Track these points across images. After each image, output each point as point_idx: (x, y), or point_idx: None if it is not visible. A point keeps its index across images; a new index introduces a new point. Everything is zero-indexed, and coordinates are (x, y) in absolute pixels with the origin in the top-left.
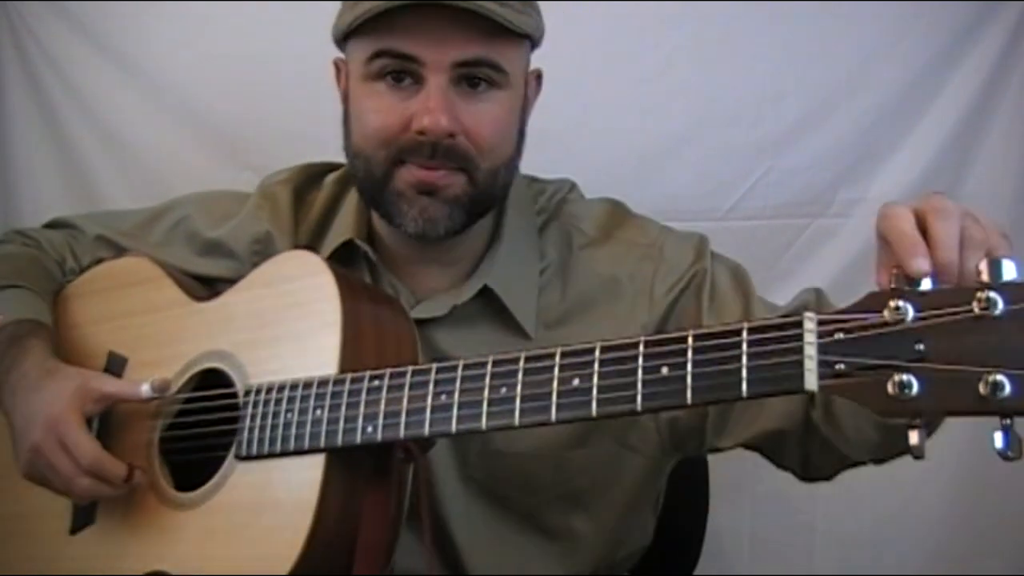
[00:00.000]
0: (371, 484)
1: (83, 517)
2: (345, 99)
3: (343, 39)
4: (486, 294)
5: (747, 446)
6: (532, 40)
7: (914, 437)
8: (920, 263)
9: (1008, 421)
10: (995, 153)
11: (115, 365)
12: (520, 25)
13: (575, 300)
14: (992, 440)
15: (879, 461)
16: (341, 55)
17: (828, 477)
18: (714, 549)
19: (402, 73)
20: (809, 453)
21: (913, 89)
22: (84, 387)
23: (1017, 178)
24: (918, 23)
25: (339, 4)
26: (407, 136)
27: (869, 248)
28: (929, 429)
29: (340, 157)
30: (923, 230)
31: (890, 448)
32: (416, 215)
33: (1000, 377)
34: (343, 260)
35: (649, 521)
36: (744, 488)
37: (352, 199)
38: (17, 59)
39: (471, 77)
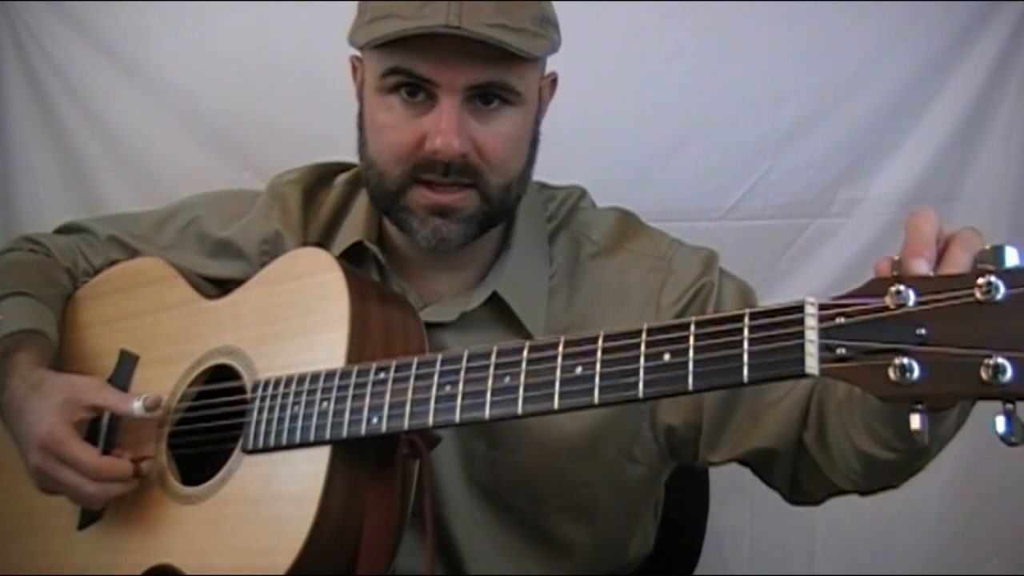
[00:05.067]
0: (376, 478)
1: (91, 513)
2: (360, 99)
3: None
4: (495, 300)
5: (738, 461)
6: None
7: (915, 422)
8: (921, 264)
9: (1010, 406)
10: (995, 153)
11: (126, 363)
12: (534, 52)
13: (582, 308)
14: (994, 425)
15: (863, 493)
16: (354, 54)
17: (816, 502)
18: (715, 550)
19: (416, 89)
20: (798, 475)
21: (913, 89)
22: (72, 399)
23: (1017, 178)
24: (918, 23)
25: (340, 6)
26: (421, 154)
27: (869, 248)
28: (941, 440)
29: (340, 157)
30: (941, 251)
31: (872, 481)
32: (428, 234)
33: (1001, 361)
34: (352, 261)
35: (650, 531)
36: (744, 489)
37: (363, 200)
38: (17, 59)
39: (484, 95)
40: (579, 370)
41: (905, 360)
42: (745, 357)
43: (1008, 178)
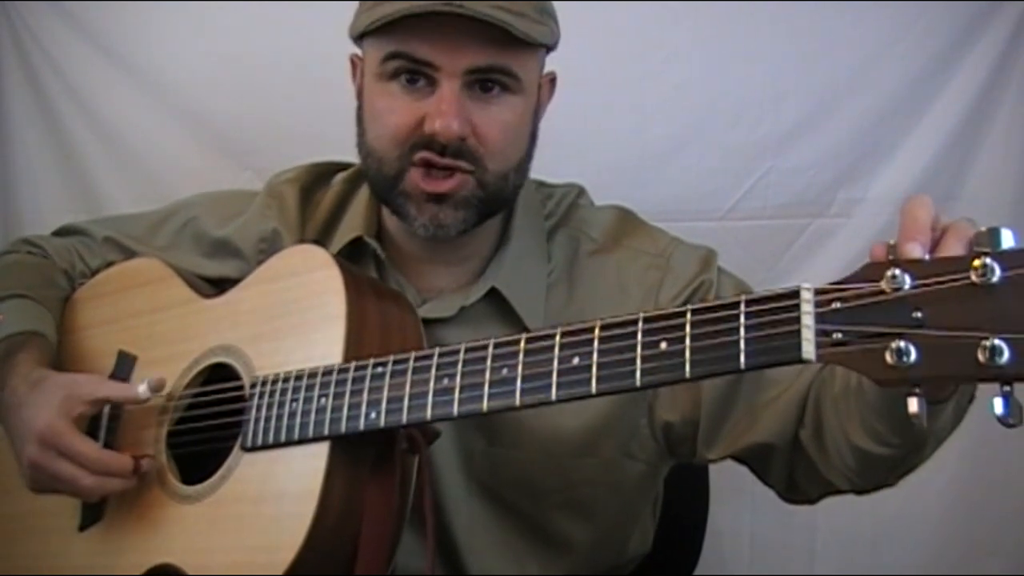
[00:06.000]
0: (375, 474)
1: (91, 514)
2: (359, 95)
3: (359, 37)
4: (494, 296)
5: (735, 458)
6: (548, 47)
7: (913, 405)
8: (915, 248)
9: (1008, 387)
10: (995, 153)
11: (125, 364)
12: (535, 36)
13: (581, 305)
14: (992, 406)
15: (859, 491)
16: (354, 52)
17: (811, 501)
18: (715, 550)
19: (416, 75)
20: (794, 473)
21: (913, 89)
22: (72, 395)
23: (1017, 178)
24: (918, 23)
25: (339, 6)
26: (419, 133)
27: (869, 248)
28: (937, 438)
29: (339, 157)
30: (936, 240)
31: (867, 478)
32: (426, 221)
33: (998, 342)
34: (351, 258)
35: (648, 529)
36: (745, 489)
37: (362, 197)
38: (17, 59)
39: (484, 81)
40: (576, 360)
41: (902, 344)
42: (742, 344)
43: (1008, 178)
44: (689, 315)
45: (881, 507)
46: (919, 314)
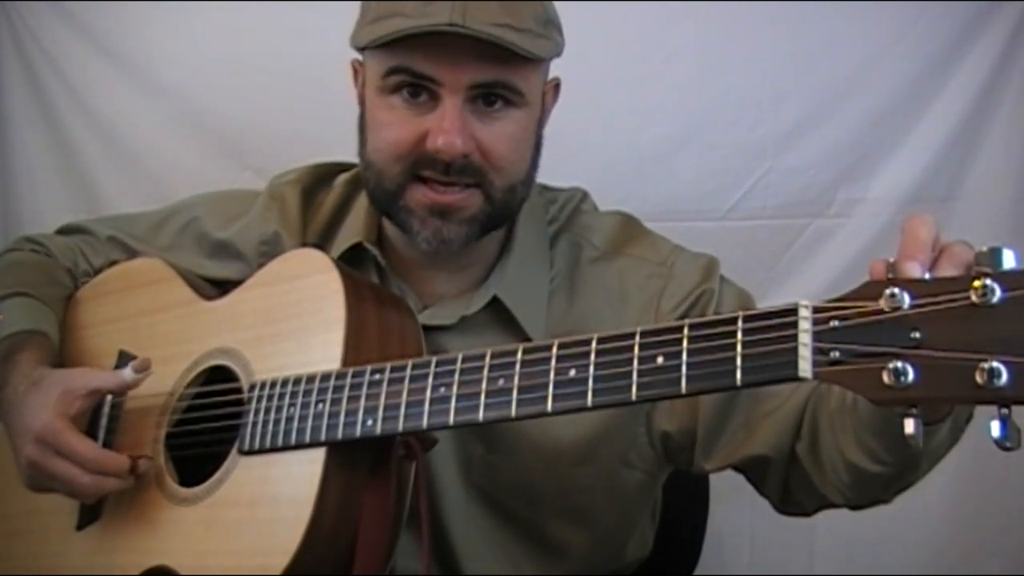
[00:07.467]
0: (371, 479)
1: (89, 514)
2: (361, 103)
3: (360, 48)
4: (495, 304)
5: (733, 468)
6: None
7: (909, 426)
8: (915, 267)
9: (1005, 410)
10: (995, 153)
11: (125, 363)
12: (538, 52)
13: (582, 312)
14: (989, 429)
15: (854, 507)
16: (349, 57)
17: (806, 514)
18: (715, 550)
19: (418, 89)
20: (789, 485)
21: (913, 89)
22: (68, 390)
23: (1017, 178)
24: (918, 23)
25: (339, 6)
26: (421, 151)
27: (869, 248)
28: (932, 458)
29: (340, 157)
30: (934, 259)
31: (862, 494)
32: (429, 236)
33: (996, 365)
34: (352, 263)
35: (648, 533)
36: (745, 489)
37: (363, 201)
38: (17, 59)
39: (487, 96)
40: (573, 372)
41: (899, 364)
42: (738, 360)
43: (1008, 178)
44: (686, 330)
45: (881, 508)
46: (917, 334)
